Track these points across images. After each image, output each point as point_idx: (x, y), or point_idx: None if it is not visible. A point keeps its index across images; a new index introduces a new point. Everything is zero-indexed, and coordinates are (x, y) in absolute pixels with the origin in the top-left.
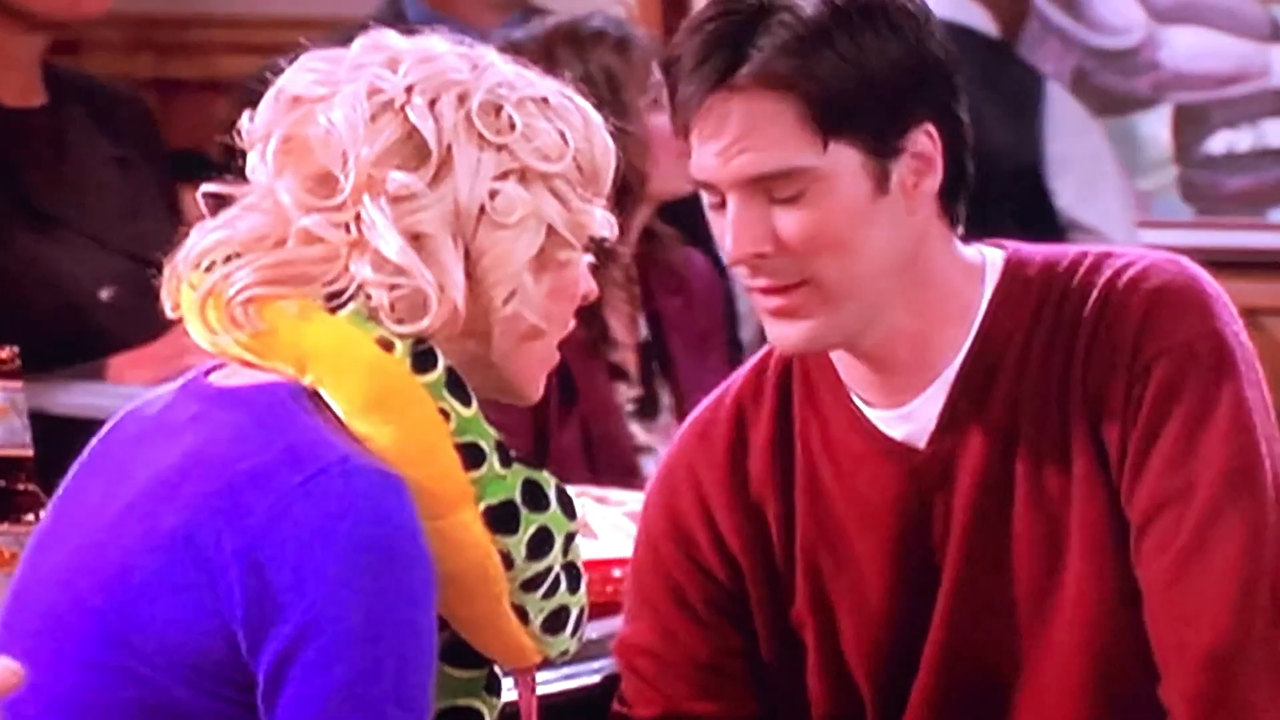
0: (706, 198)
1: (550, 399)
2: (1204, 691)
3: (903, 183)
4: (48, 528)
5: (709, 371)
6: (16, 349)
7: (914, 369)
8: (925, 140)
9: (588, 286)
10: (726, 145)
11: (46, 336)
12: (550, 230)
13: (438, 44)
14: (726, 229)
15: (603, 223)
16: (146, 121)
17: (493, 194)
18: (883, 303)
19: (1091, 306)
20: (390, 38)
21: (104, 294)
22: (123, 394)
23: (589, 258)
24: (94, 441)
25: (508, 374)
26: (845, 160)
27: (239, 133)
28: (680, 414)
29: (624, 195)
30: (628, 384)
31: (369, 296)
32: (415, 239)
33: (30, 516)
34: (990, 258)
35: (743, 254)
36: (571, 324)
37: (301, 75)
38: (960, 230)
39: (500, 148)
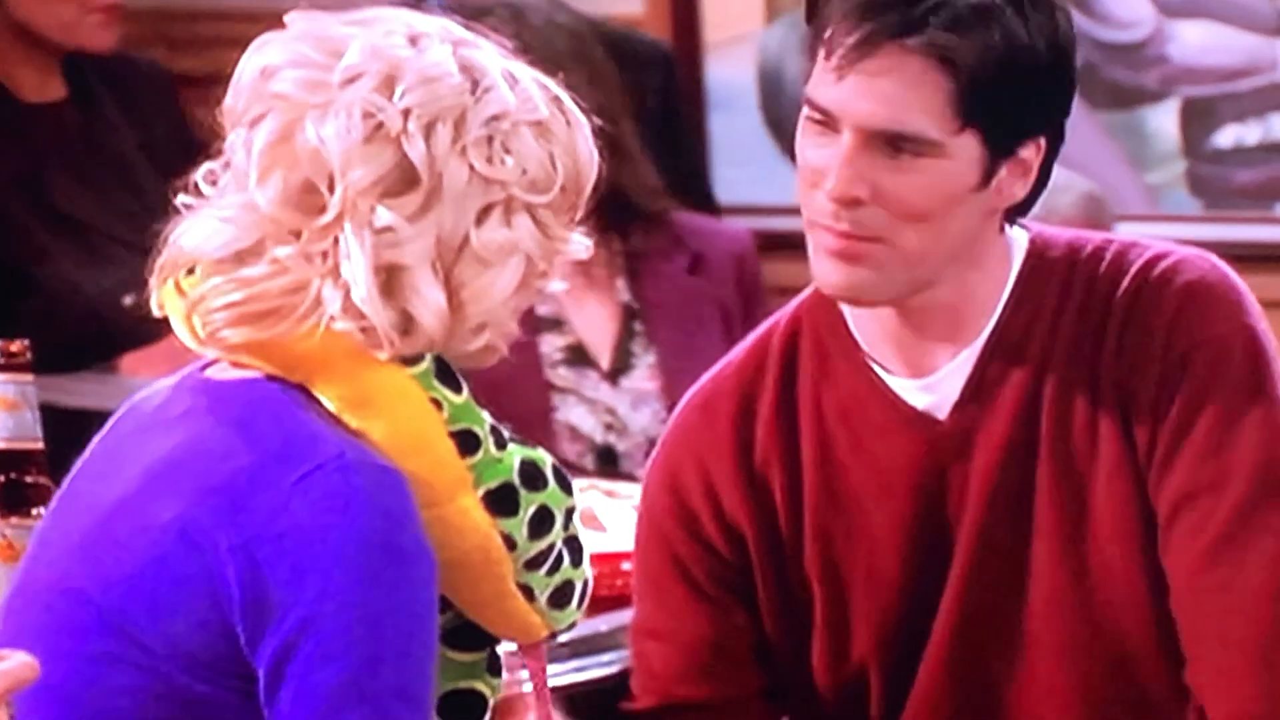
0: (814, 117)
1: None
2: (1245, 680)
3: (999, 183)
4: (50, 522)
5: (708, 344)
6: (27, 342)
7: (941, 340)
8: (1032, 150)
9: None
10: (873, 92)
11: (69, 344)
12: (528, 260)
13: (438, 55)
14: (832, 164)
15: (578, 248)
16: (170, 95)
17: (478, 227)
18: (935, 279)
19: (1124, 294)
20: (389, 40)
21: (128, 300)
22: (134, 388)
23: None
24: (98, 436)
25: (458, 358)
26: (968, 148)
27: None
28: (664, 379)
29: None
30: (558, 333)
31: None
32: (391, 270)
33: (40, 509)
34: (1016, 237)
35: (842, 193)
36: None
37: (292, 70)
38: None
39: (489, 180)
